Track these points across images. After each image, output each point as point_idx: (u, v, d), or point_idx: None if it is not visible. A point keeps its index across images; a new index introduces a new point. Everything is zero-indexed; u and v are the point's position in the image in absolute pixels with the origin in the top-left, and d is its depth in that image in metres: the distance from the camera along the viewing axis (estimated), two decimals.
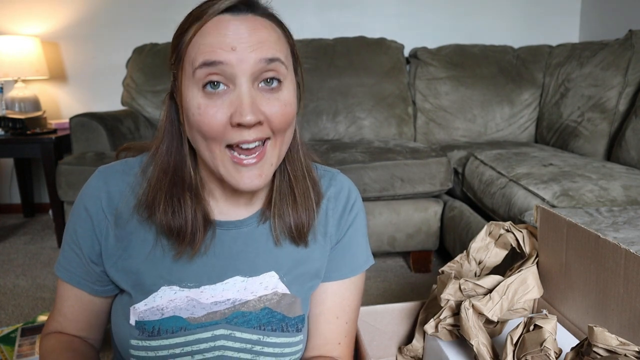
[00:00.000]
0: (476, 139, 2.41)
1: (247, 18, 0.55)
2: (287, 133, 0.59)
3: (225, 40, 0.52)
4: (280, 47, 0.56)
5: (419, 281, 1.89)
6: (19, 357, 1.26)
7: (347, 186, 0.72)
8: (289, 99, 0.57)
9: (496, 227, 0.89)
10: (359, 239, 0.72)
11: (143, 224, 0.62)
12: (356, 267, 0.71)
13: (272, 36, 0.56)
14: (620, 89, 1.93)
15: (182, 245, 0.61)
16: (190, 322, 0.62)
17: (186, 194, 0.61)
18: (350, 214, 0.71)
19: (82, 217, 0.63)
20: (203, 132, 0.55)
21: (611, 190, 1.31)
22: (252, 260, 0.65)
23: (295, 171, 0.65)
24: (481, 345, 0.69)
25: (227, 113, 0.53)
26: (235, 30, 0.53)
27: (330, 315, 0.70)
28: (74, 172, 1.90)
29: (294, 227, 0.65)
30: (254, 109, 0.53)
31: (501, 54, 2.47)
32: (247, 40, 0.53)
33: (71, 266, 0.65)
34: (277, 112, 0.55)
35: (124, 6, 2.67)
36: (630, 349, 0.53)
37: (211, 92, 0.54)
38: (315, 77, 2.39)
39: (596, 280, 0.69)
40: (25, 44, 2.49)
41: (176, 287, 0.63)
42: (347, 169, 1.79)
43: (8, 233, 2.54)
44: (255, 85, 0.54)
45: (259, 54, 0.53)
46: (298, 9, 2.68)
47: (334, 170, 0.74)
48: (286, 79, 0.57)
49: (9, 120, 2.32)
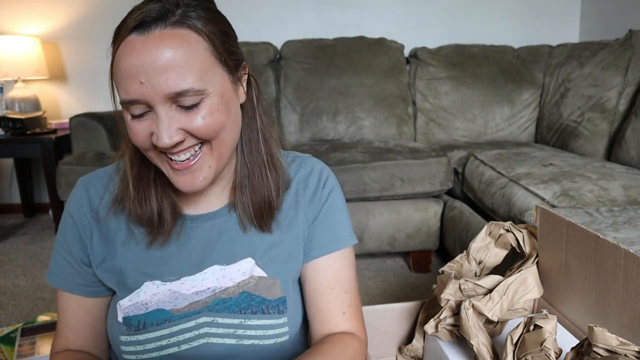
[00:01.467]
0: (476, 139, 2.41)
1: (152, 37, 0.52)
2: (222, 136, 0.58)
3: (132, 72, 0.52)
4: (192, 65, 0.53)
5: (419, 281, 1.89)
6: (19, 357, 1.26)
7: (319, 167, 0.73)
8: (212, 109, 0.56)
9: (496, 227, 0.89)
10: (337, 215, 0.72)
11: (117, 216, 0.66)
12: (339, 241, 0.71)
13: (181, 55, 0.52)
14: (620, 89, 1.93)
15: (153, 233, 0.65)
16: (174, 314, 0.65)
17: (151, 186, 0.64)
18: (324, 191, 0.71)
19: (68, 224, 0.68)
20: (137, 146, 0.58)
21: (611, 190, 1.31)
22: (228, 248, 0.67)
23: (254, 162, 0.66)
24: (481, 345, 0.69)
25: (149, 132, 0.56)
26: (140, 57, 0.52)
27: (324, 288, 0.70)
28: (74, 172, 1.90)
29: (254, 215, 0.67)
30: (171, 132, 0.54)
31: (501, 54, 2.47)
32: (152, 68, 0.51)
33: (64, 273, 0.68)
34: (196, 126, 0.55)
35: (124, 6, 2.65)
36: (630, 349, 0.53)
37: (136, 116, 0.56)
38: (315, 77, 2.40)
39: (596, 280, 0.69)
40: (25, 44, 2.49)
41: (158, 282, 0.65)
42: (347, 169, 1.80)
43: (8, 233, 2.54)
44: (173, 106, 0.54)
45: (165, 88, 0.52)
46: (298, 9, 2.68)
47: (304, 155, 0.75)
48: (206, 96, 0.55)
49: (9, 120, 2.32)
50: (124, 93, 0.54)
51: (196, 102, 0.54)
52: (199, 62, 0.54)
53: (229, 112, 0.58)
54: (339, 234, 0.72)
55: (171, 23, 0.53)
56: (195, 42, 0.54)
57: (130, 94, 0.53)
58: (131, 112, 0.55)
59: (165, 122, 0.54)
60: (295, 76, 2.42)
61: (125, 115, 0.57)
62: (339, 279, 0.71)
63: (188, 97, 0.54)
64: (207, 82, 0.55)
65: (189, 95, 0.53)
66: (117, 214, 0.66)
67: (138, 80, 0.52)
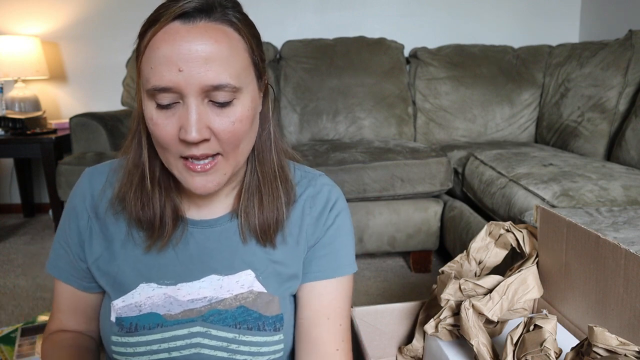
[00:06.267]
0: (476, 139, 2.41)
1: (197, 27, 0.51)
2: (241, 147, 0.58)
3: (172, 59, 0.51)
4: (233, 62, 0.53)
5: (419, 281, 1.89)
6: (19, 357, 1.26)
7: (328, 188, 0.70)
8: (241, 115, 0.55)
9: (496, 227, 0.89)
10: (342, 240, 0.69)
11: (117, 216, 0.65)
12: (340, 267, 0.69)
13: (223, 50, 0.52)
14: (620, 89, 1.93)
15: (153, 237, 0.63)
16: (167, 319, 0.64)
17: (155, 188, 0.62)
18: (331, 214, 0.69)
19: (70, 215, 0.67)
20: (157, 141, 0.56)
21: (611, 190, 1.31)
22: (227, 258, 0.66)
23: (266, 171, 0.65)
24: (481, 345, 0.68)
25: (177, 126, 0.53)
26: (182, 45, 0.51)
27: (320, 316, 0.66)
28: (74, 172, 1.90)
29: (259, 227, 0.64)
30: (200, 127, 0.52)
31: (501, 54, 2.47)
32: (194, 57, 0.51)
33: (61, 263, 0.68)
34: (225, 129, 0.54)
35: (124, 6, 2.67)
36: (630, 349, 0.53)
37: (162, 107, 0.54)
38: (315, 77, 2.40)
39: (596, 280, 0.69)
40: (25, 44, 2.49)
41: (154, 285, 0.64)
42: (347, 169, 1.80)
43: (8, 233, 2.54)
44: (205, 101, 0.53)
45: (204, 79, 0.51)
46: (298, 9, 2.68)
47: (316, 172, 0.73)
48: (240, 95, 0.55)
49: (9, 120, 2.32)
50: (157, 79, 0.51)
51: (229, 99, 0.54)
52: (238, 60, 0.54)
53: (253, 121, 0.58)
54: (341, 260, 0.69)
55: (215, 18, 0.53)
56: (236, 40, 0.54)
57: (164, 80, 0.51)
58: (158, 101, 0.53)
59: (195, 115, 0.52)
60: (295, 76, 2.42)
61: (148, 105, 0.54)
62: (335, 309, 0.67)
63: (223, 93, 0.53)
64: (243, 82, 0.55)
65: (225, 90, 0.52)
66: (117, 214, 0.65)
67: (177, 68, 0.50)
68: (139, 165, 0.62)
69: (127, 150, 0.64)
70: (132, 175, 0.62)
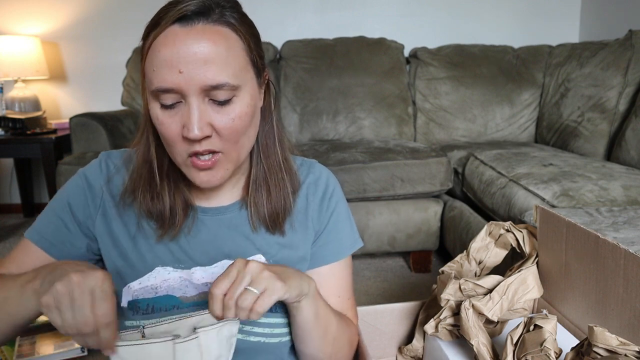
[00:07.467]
0: (476, 139, 2.41)
1: (195, 30, 0.54)
2: (241, 142, 0.60)
3: (172, 61, 0.53)
4: (231, 61, 0.55)
5: (419, 281, 1.89)
6: (19, 357, 1.26)
7: (325, 174, 0.76)
8: (240, 112, 0.57)
9: (496, 227, 0.89)
10: (342, 225, 0.75)
11: (126, 208, 0.67)
12: (345, 249, 0.74)
13: (221, 51, 0.54)
14: (620, 89, 1.93)
15: (164, 228, 0.65)
16: (183, 301, 0.66)
17: (164, 181, 0.65)
18: (331, 202, 0.74)
19: (79, 185, 0.67)
20: (164, 139, 0.59)
21: (611, 190, 1.31)
22: (238, 244, 0.68)
23: (271, 163, 0.68)
24: (481, 345, 0.69)
25: (180, 125, 0.56)
26: (182, 47, 0.53)
27: (331, 296, 0.72)
28: (73, 172, 1.90)
29: (268, 216, 0.68)
30: (201, 125, 0.55)
31: (501, 54, 2.47)
32: (193, 59, 0.53)
33: (48, 231, 0.66)
34: (225, 125, 0.57)
35: (124, 6, 2.67)
36: (630, 349, 0.53)
37: (167, 107, 0.56)
38: (315, 77, 2.39)
39: (596, 280, 0.69)
40: (25, 44, 2.49)
41: (170, 268, 0.66)
42: (347, 169, 1.80)
43: (8, 233, 2.54)
44: (206, 99, 0.56)
45: (204, 79, 0.53)
46: (298, 9, 2.68)
47: (311, 160, 0.78)
48: (239, 93, 0.57)
49: (9, 120, 2.32)
50: (160, 81, 0.54)
51: (229, 97, 0.56)
52: (236, 60, 0.56)
53: (253, 116, 0.60)
54: (345, 242, 0.75)
55: (213, 20, 0.55)
56: (234, 40, 0.56)
57: (166, 82, 0.54)
58: (162, 101, 0.56)
59: (197, 113, 0.55)
60: (295, 76, 2.42)
61: (153, 105, 0.57)
62: (344, 286, 0.75)
63: (223, 92, 0.55)
64: (241, 80, 0.57)
65: (224, 89, 0.55)
66: (126, 206, 0.66)
67: (177, 70, 0.53)
68: (147, 161, 0.65)
69: (138, 143, 0.66)
70: (141, 169, 0.65)
